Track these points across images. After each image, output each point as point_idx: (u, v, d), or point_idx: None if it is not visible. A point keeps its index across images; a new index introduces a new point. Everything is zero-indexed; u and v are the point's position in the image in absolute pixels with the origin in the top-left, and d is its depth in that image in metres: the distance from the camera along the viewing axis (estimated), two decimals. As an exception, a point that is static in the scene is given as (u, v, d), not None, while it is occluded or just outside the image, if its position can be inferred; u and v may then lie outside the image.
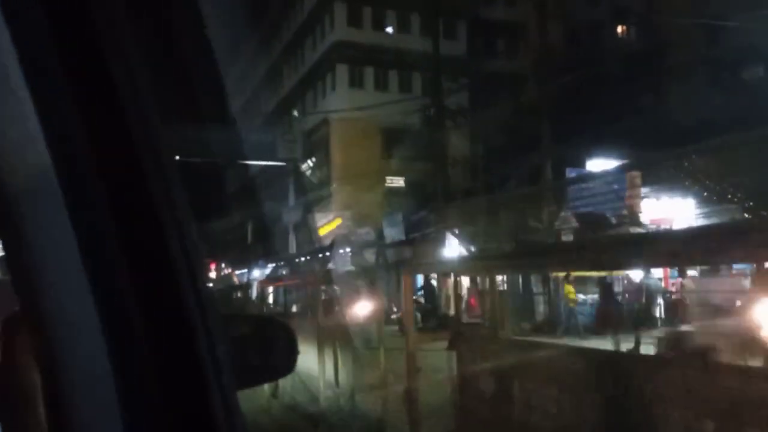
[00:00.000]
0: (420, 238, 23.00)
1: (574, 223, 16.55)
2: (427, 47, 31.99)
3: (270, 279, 19.56)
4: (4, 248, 0.68)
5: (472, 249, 19.20)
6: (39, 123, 0.65)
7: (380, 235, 27.78)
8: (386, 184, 32.84)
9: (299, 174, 24.64)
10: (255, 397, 8.19)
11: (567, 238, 16.60)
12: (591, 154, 19.09)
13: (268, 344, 1.18)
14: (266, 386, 8.27)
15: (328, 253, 21.50)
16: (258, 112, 37.90)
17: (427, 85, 33.96)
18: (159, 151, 0.74)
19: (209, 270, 46.20)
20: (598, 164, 19.02)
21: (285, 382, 8.33)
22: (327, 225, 24.21)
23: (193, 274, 0.72)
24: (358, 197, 29.04)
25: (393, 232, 25.91)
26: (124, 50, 0.73)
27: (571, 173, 16.90)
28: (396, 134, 32.24)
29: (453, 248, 21.04)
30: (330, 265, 30.51)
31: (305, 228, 24.80)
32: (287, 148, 21.80)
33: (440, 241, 20.75)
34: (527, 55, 23.40)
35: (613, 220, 17.13)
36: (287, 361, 1.22)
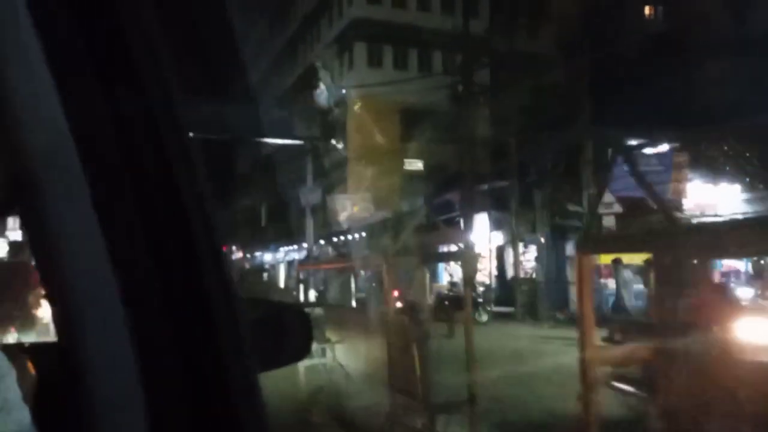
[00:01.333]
0: (445, 222, 21.99)
1: (618, 208, 15.47)
2: (448, 24, 30.99)
3: (309, 261, 18.47)
4: (30, 238, 0.67)
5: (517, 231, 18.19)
6: (58, 98, 0.65)
7: (399, 219, 26.83)
8: (404, 167, 31.73)
9: (318, 153, 23.53)
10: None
11: (609, 223, 15.54)
12: (623, 136, 17.96)
13: (284, 329, 1.17)
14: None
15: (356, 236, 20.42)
16: (274, 90, 36.81)
17: (448, 64, 32.94)
18: (182, 130, 0.74)
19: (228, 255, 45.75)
20: (632, 146, 17.91)
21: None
22: (346, 208, 23.18)
23: (216, 256, 0.71)
24: (375, 180, 28.03)
25: (414, 217, 24.90)
26: (144, 28, 0.72)
27: (613, 154, 15.80)
28: (416, 115, 31.12)
29: (483, 231, 20.07)
30: (353, 250, 29.64)
31: (324, 210, 23.80)
32: (305, 126, 20.71)
33: (468, 224, 19.73)
34: (553, 32, 22.22)
35: (654, 205, 15.98)
36: (302, 346, 1.25)
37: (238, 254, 46.12)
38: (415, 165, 32.34)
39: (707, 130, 16.29)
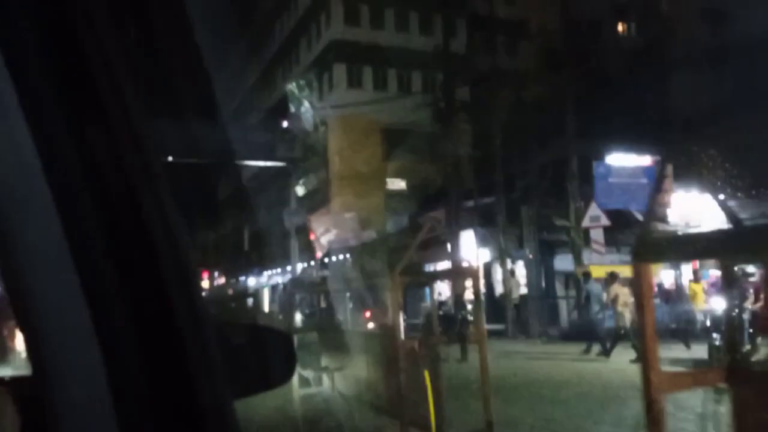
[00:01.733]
0: (433, 241, 21.81)
1: (605, 220, 15.41)
2: (426, 44, 31.16)
3: (296, 284, 18.03)
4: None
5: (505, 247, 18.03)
6: (24, 124, 0.64)
7: (384, 238, 26.62)
8: (387, 187, 31.62)
9: (300, 174, 23.28)
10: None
11: (596, 236, 15.47)
12: (607, 149, 18.00)
13: (265, 352, 1.15)
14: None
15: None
16: (255, 112, 36.62)
17: (428, 83, 33.05)
18: (147, 152, 0.73)
19: (201, 279, 44.94)
20: (616, 159, 17.96)
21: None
22: (330, 229, 22.90)
23: (186, 281, 0.71)
24: (358, 200, 27.86)
25: (400, 236, 24.70)
26: (103, 46, 0.72)
27: (598, 167, 15.81)
28: (397, 134, 31.12)
29: (470, 248, 19.89)
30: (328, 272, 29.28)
31: (307, 232, 23.49)
32: (286, 148, 20.49)
33: (455, 241, 19.55)
34: (532, 49, 22.36)
35: (640, 217, 16.00)
36: (285, 370, 1.21)
37: (220, 280, 45.50)
38: (398, 184, 32.26)
39: (689, 139, 16.39)
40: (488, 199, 17.71)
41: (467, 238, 19.59)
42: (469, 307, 16.53)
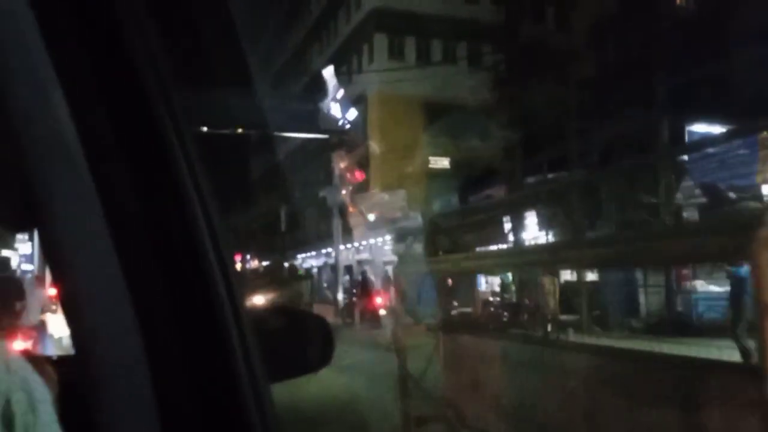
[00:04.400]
0: (485, 222, 19.91)
1: (699, 197, 13.37)
2: (473, 13, 29.09)
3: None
4: (41, 242, 0.67)
5: (569, 233, 16.13)
6: (61, 98, 0.65)
7: (429, 220, 24.79)
8: (429, 165, 29.73)
9: (345, 148, 21.53)
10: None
11: (691, 214, 13.46)
12: (690, 119, 15.87)
13: (303, 337, 1.17)
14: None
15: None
16: (295, 83, 34.88)
17: (474, 54, 30.95)
18: (179, 125, 0.73)
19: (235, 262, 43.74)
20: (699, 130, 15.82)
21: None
22: (377, 207, 21.17)
23: (222, 265, 0.72)
24: (397, 179, 26.08)
25: (448, 217, 22.84)
26: (136, 14, 0.72)
27: (692, 135, 13.78)
28: (441, 110, 29.20)
29: (532, 232, 17.98)
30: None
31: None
32: (330, 118, 18.76)
33: (518, 225, 17.63)
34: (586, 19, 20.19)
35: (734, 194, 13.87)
36: (323, 355, 1.20)
37: (253, 262, 44.20)
38: (441, 163, 30.35)
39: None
40: (558, 173, 15.72)
41: (530, 219, 17.66)
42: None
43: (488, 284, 19.31)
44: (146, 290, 0.67)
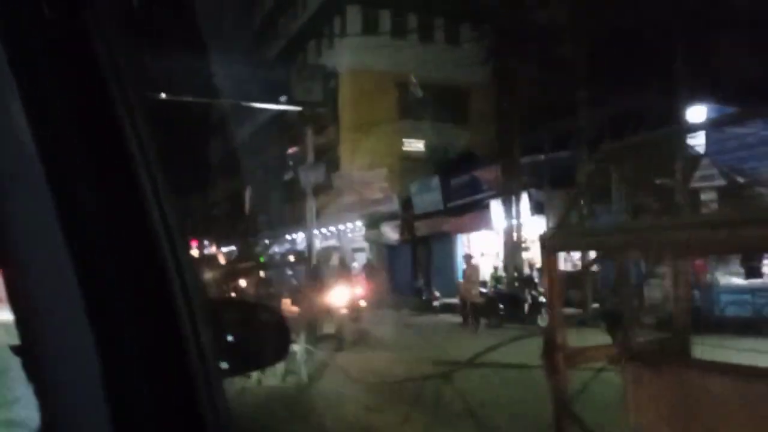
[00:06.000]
0: (469, 206, 18.45)
1: (719, 179, 12.08)
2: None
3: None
4: None
5: (569, 215, 14.74)
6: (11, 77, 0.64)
7: (405, 204, 23.28)
8: (403, 147, 28.14)
9: (319, 122, 19.68)
10: None
11: (708, 197, 12.17)
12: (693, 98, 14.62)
13: (258, 330, 1.15)
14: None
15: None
16: (265, 52, 32.68)
17: (453, 31, 29.42)
18: (134, 110, 0.70)
19: (189, 248, 41.25)
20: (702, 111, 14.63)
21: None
22: (356, 188, 19.43)
23: (176, 256, 0.70)
24: (371, 161, 24.43)
25: (427, 200, 21.30)
26: None
27: (711, 113, 12.50)
28: (420, 88, 27.61)
29: (525, 215, 16.58)
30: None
31: (324, 193, 19.99)
32: (304, 90, 16.94)
33: (508, 206, 16.20)
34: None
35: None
36: (278, 348, 1.22)
37: (210, 249, 41.88)
38: (415, 145, 28.83)
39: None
40: (560, 153, 14.29)
41: (524, 202, 16.24)
42: (541, 288, 13.22)
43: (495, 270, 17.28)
44: (97, 282, 0.64)
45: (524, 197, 16.57)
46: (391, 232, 24.05)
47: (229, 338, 1.04)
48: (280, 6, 32.48)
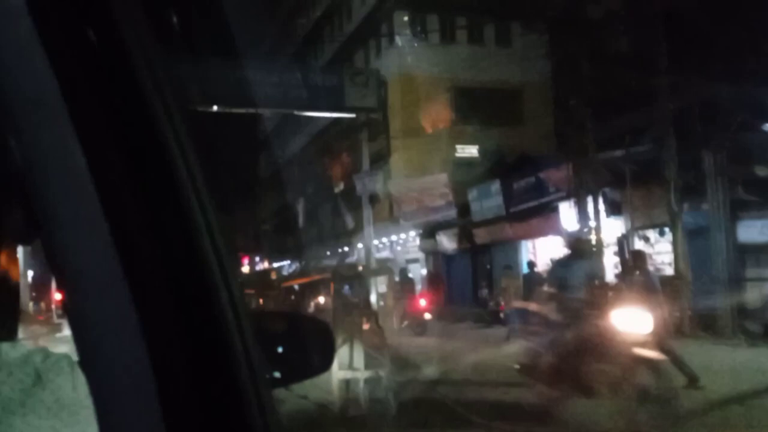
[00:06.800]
0: (537, 209, 17.34)
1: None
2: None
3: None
4: (44, 251, 0.68)
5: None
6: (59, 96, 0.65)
7: (463, 210, 22.29)
8: (456, 154, 27.17)
9: (375, 129, 18.93)
10: None
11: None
12: None
13: (303, 341, 1.17)
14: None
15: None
16: (315, 59, 32.25)
17: (504, 33, 28.44)
18: (178, 128, 0.71)
19: (241, 264, 41.04)
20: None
21: None
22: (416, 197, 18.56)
23: (223, 270, 0.71)
24: (423, 168, 23.56)
25: (487, 206, 20.26)
26: None
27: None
28: (469, 94, 26.70)
29: (603, 218, 15.38)
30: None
31: (380, 203, 19.18)
32: (358, 95, 16.22)
33: (583, 208, 15.04)
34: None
35: None
36: (323, 359, 1.22)
37: (263, 265, 41.63)
38: (468, 151, 27.84)
39: None
40: (642, 147, 13.08)
41: (590, 205, 15.06)
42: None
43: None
44: (148, 296, 0.66)
45: (595, 198, 15.36)
46: (447, 241, 23.12)
47: (279, 349, 1.06)
48: (327, 15, 32.08)
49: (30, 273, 14.18)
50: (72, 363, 0.67)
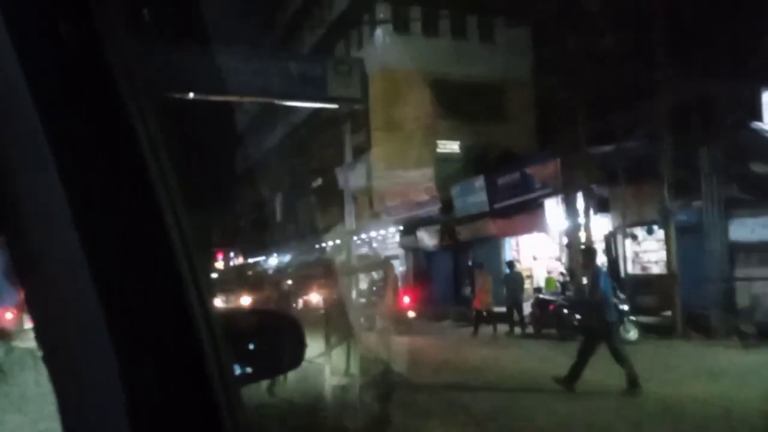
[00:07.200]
0: (520, 205, 16.97)
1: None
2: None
3: None
4: (9, 248, 0.67)
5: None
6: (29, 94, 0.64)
7: (446, 206, 21.89)
8: (437, 149, 26.77)
9: (358, 120, 18.39)
10: None
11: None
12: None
13: (273, 338, 1.16)
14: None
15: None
16: (298, 47, 31.49)
17: (487, 27, 28.10)
18: (150, 129, 0.69)
19: (215, 260, 40.12)
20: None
21: None
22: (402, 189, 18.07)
23: (192, 266, 0.70)
24: (403, 163, 23.10)
25: (470, 203, 19.89)
26: None
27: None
28: (451, 88, 26.34)
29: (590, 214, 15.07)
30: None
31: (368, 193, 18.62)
32: (341, 84, 15.61)
33: (571, 204, 14.73)
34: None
35: None
36: (293, 355, 1.21)
37: (237, 260, 40.76)
38: (450, 146, 27.45)
39: None
40: (634, 142, 12.76)
41: (576, 202, 14.77)
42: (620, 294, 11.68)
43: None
44: (115, 292, 0.65)
45: (582, 195, 15.06)
46: (428, 238, 22.71)
47: (251, 346, 1.05)
48: (308, 4, 31.40)
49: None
50: (36, 358, 0.65)
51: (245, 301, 17.72)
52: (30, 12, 0.63)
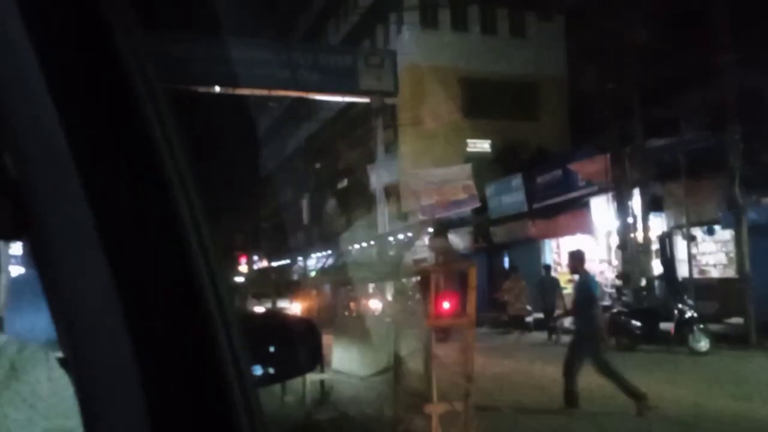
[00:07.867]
0: (564, 205, 16.00)
1: None
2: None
3: None
4: (30, 248, 0.68)
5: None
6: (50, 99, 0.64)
7: (478, 208, 20.96)
8: (467, 149, 25.86)
9: (391, 114, 17.54)
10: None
11: None
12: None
13: (290, 341, 1.18)
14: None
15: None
16: (326, 37, 30.73)
17: (517, 22, 27.16)
18: (167, 129, 0.69)
19: (238, 264, 39.49)
20: None
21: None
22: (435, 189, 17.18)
23: (210, 268, 0.70)
24: (432, 162, 22.23)
25: (506, 203, 18.93)
26: None
27: None
28: (482, 85, 25.44)
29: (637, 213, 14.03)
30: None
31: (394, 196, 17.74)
32: (373, 76, 14.79)
33: (623, 203, 13.72)
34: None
35: None
36: (310, 358, 1.23)
37: (261, 264, 40.14)
38: (480, 146, 26.52)
39: None
40: (696, 134, 11.74)
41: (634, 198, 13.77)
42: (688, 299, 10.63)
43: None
44: (134, 294, 0.66)
45: (635, 192, 14.06)
46: (460, 240, 21.81)
47: (270, 349, 1.06)
48: (332, 1, 30.68)
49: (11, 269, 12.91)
50: (48, 355, 0.67)
51: (295, 307, 17.03)
52: (44, 9, 0.63)
